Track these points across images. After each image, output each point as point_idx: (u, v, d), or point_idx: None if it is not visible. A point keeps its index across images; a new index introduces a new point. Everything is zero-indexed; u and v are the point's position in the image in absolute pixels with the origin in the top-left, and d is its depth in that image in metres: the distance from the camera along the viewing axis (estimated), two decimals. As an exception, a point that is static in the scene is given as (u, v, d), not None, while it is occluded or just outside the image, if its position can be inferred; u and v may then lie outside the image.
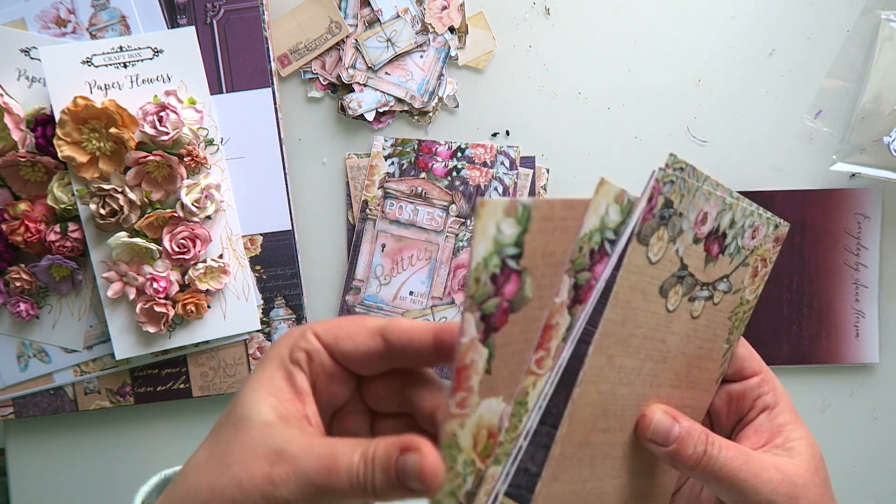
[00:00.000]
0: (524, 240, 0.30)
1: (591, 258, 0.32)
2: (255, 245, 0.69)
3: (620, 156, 0.71)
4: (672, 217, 0.33)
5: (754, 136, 0.71)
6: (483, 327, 0.30)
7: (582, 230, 0.32)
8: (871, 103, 0.67)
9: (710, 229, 0.35)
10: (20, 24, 0.65)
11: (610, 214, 0.32)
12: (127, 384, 0.70)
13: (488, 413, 0.32)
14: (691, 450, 0.37)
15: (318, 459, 0.32)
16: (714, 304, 0.37)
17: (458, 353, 0.30)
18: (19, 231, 0.64)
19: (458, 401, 0.31)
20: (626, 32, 0.70)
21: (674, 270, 0.34)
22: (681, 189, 0.32)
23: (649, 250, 0.32)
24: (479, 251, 0.29)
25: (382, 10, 0.68)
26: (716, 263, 0.36)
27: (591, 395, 0.33)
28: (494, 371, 0.31)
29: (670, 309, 0.35)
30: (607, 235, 0.32)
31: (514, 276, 0.30)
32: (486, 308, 0.30)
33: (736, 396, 0.42)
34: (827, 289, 0.72)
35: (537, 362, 0.33)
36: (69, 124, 0.62)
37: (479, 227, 0.29)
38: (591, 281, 0.33)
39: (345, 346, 0.35)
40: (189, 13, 0.66)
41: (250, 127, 0.67)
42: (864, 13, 0.68)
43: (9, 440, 0.73)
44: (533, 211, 0.30)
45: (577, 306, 0.33)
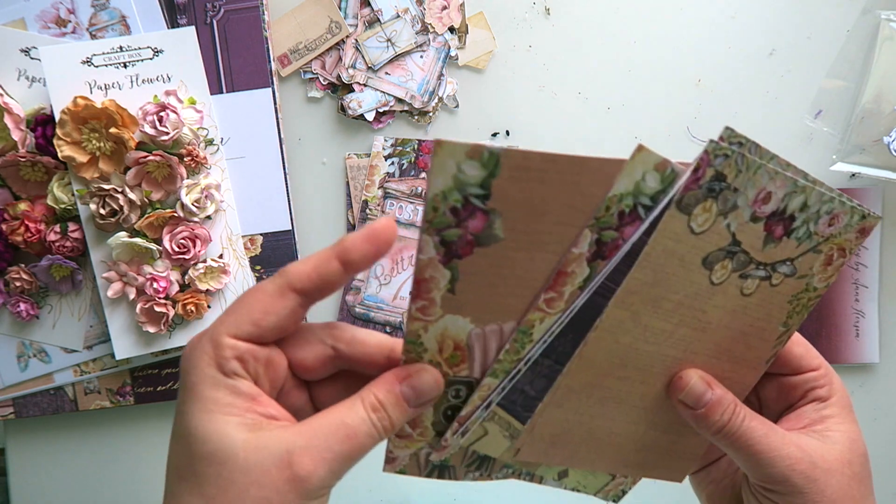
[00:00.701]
0: (491, 183, 0.32)
1: (619, 219, 0.34)
2: (255, 245, 0.69)
3: (620, 156, 0.71)
4: (724, 191, 0.33)
5: (754, 136, 0.71)
6: (444, 251, 0.33)
7: (612, 190, 0.33)
8: (871, 103, 0.67)
9: (773, 209, 0.35)
10: (20, 24, 0.65)
11: (647, 181, 0.34)
12: (127, 384, 0.70)
13: (454, 328, 0.35)
14: (717, 416, 0.38)
15: (334, 433, 0.33)
16: (772, 285, 0.38)
17: (417, 266, 0.34)
18: (19, 231, 0.64)
19: (419, 307, 0.35)
20: (626, 32, 0.70)
21: (723, 245, 0.35)
22: (738, 164, 0.33)
23: (692, 220, 0.33)
24: (436, 184, 0.32)
25: (382, 10, 0.68)
26: (777, 245, 0.36)
27: (606, 342, 0.35)
28: (459, 293, 0.34)
29: (715, 281, 0.36)
30: (642, 201, 0.34)
31: (479, 213, 0.33)
32: (446, 235, 0.33)
33: (788, 387, 0.42)
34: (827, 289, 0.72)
35: (547, 301, 0.35)
36: (69, 124, 0.62)
37: (436, 163, 0.31)
38: (618, 241, 0.34)
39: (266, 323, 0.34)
40: (189, 13, 0.66)
41: (250, 127, 0.67)
42: (864, 13, 0.68)
43: (9, 440, 0.73)
44: (502, 158, 0.32)
45: (598, 261, 0.35)
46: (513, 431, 0.38)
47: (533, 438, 0.38)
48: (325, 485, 0.33)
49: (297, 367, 0.36)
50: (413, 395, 0.35)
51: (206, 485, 0.32)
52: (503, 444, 0.39)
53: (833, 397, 0.41)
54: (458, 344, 0.36)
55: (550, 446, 0.39)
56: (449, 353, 0.36)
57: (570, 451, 0.39)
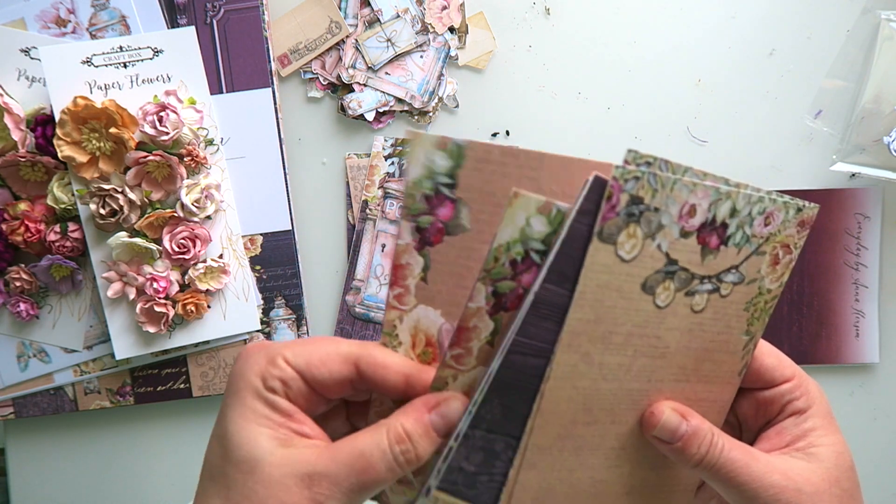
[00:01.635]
0: (458, 173, 0.35)
1: (513, 268, 0.34)
2: (255, 245, 0.69)
3: (620, 156, 0.71)
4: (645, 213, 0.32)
5: (754, 136, 0.71)
6: (418, 238, 0.35)
7: (496, 240, 0.33)
8: (871, 103, 0.67)
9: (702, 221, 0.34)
10: (20, 24, 0.65)
11: (533, 225, 0.33)
12: (127, 384, 0.70)
13: (426, 320, 0.36)
14: (695, 448, 0.36)
15: (351, 464, 0.33)
16: (722, 296, 0.37)
17: (396, 252, 0.36)
18: (19, 231, 0.64)
19: (395, 294, 0.36)
20: (626, 32, 0.70)
21: (659, 266, 0.34)
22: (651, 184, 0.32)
23: (619, 248, 0.32)
24: (412, 173, 0.34)
25: (382, 10, 0.68)
26: (717, 255, 0.35)
27: (565, 391, 0.34)
28: (431, 282, 0.36)
29: (661, 305, 0.35)
30: (533, 246, 0.34)
31: (448, 202, 0.35)
32: (420, 221, 0.35)
33: (764, 402, 0.41)
34: (827, 289, 0.72)
35: (455, 358, 0.35)
36: (69, 124, 0.62)
37: (412, 154, 0.34)
38: (517, 290, 0.34)
39: (317, 372, 0.35)
40: (189, 13, 0.66)
41: (250, 127, 0.67)
42: (864, 13, 0.68)
43: (9, 440, 0.73)
44: (466, 150, 0.34)
45: (502, 313, 0.34)
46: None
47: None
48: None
49: (314, 384, 0.36)
50: (443, 424, 0.34)
51: (232, 489, 0.34)
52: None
53: (812, 407, 0.39)
54: (430, 339, 0.37)
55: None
56: (421, 348, 0.37)
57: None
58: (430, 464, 0.35)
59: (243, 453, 0.34)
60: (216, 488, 0.35)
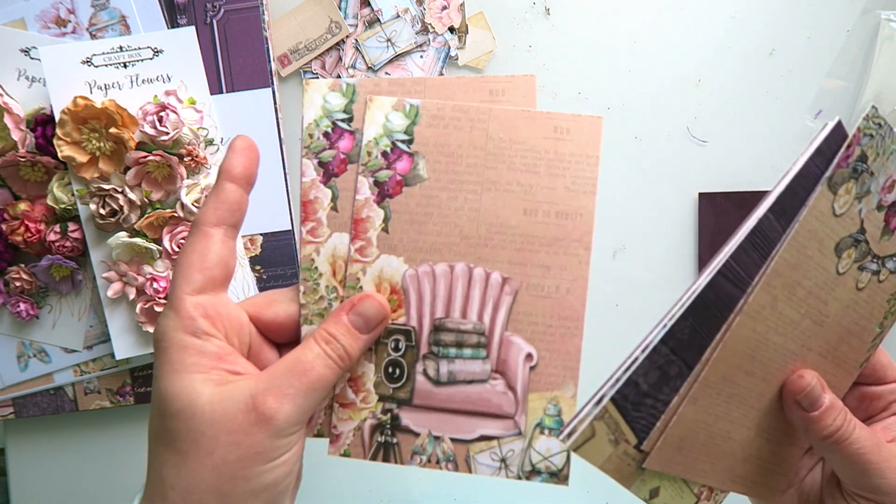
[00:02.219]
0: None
1: (386, 158, 0.40)
2: (255, 245, 0.69)
3: (620, 156, 0.71)
4: (863, 173, 0.33)
5: (754, 136, 0.71)
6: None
7: (364, 139, 0.39)
8: (871, 103, 0.67)
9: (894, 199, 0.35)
10: (20, 24, 0.65)
11: (393, 121, 0.40)
12: (127, 384, 0.70)
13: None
14: (830, 421, 0.37)
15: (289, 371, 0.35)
16: (879, 280, 0.37)
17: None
18: (19, 231, 0.64)
19: (308, 229, 0.39)
20: (626, 32, 0.70)
21: (853, 231, 0.34)
22: (878, 147, 0.32)
23: (836, 200, 0.33)
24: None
25: (382, 10, 0.68)
26: (891, 238, 0.36)
27: (746, 331, 0.34)
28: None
29: (840, 271, 0.35)
30: (397, 137, 0.40)
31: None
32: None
33: (870, 396, 0.41)
34: (827, 289, 0.72)
35: (358, 251, 0.39)
36: (69, 124, 0.62)
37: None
38: (395, 176, 0.40)
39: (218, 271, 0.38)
40: (189, 13, 0.66)
41: (250, 127, 0.67)
42: (864, 13, 0.68)
43: (9, 440, 0.73)
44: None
45: (387, 200, 0.40)
46: (618, 435, 0.36)
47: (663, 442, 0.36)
48: (291, 420, 0.34)
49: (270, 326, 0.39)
50: (361, 322, 0.38)
51: (179, 440, 0.34)
52: (606, 450, 0.36)
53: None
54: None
55: (676, 452, 0.37)
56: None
57: (691, 459, 0.38)
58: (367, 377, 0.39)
59: (179, 404, 0.34)
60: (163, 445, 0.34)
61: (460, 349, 0.41)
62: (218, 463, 0.33)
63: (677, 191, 0.72)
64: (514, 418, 0.42)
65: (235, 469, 0.33)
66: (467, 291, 0.41)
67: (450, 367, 0.41)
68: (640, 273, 0.73)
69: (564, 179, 0.41)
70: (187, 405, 0.34)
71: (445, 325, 0.41)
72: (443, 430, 0.41)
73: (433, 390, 0.42)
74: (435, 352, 0.41)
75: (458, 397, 0.41)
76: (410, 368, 0.41)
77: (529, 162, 0.40)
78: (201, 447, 0.33)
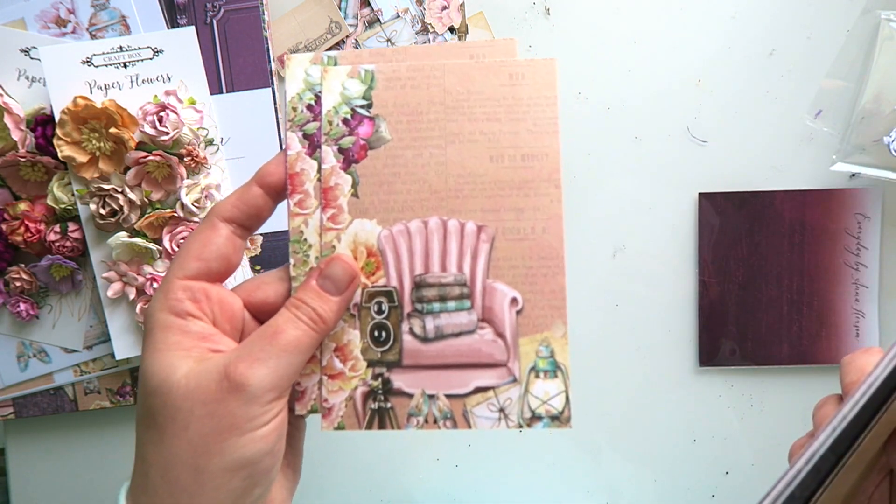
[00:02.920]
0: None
1: (347, 125, 0.41)
2: (255, 245, 0.69)
3: (620, 156, 0.71)
4: None
5: (754, 136, 0.71)
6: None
7: (323, 109, 0.40)
8: (871, 103, 0.67)
9: None
10: (20, 24, 0.65)
11: (350, 88, 0.41)
12: (127, 384, 0.70)
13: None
14: None
15: (261, 336, 0.36)
16: None
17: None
18: (19, 231, 0.64)
19: (295, 202, 0.41)
20: (626, 32, 0.70)
21: None
22: None
23: None
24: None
25: (382, 10, 0.68)
26: None
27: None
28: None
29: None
30: (356, 104, 0.41)
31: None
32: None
33: None
34: (827, 289, 0.72)
35: (331, 219, 0.40)
36: (69, 124, 0.62)
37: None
38: (358, 142, 0.40)
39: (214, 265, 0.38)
40: (189, 13, 0.66)
41: (250, 127, 0.67)
42: (864, 13, 0.68)
43: (9, 440, 0.73)
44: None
45: (353, 166, 0.41)
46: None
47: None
48: (265, 385, 0.34)
49: (261, 308, 0.38)
50: (330, 284, 0.38)
51: (157, 416, 0.34)
52: None
53: None
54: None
55: None
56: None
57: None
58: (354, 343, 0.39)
59: (157, 381, 0.34)
60: (144, 428, 0.35)
61: (444, 303, 0.41)
62: (193, 437, 0.33)
63: (677, 191, 0.72)
64: (507, 365, 0.41)
65: (210, 442, 0.33)
66: (444, 245, 0.41)
67: (436, 322, 0.41)
68: (640, 273, 0.73)
69: (526, 122, 0.41)
70: (164, 380, 0.34)
71: (426, 280, 0.41)
72: (437, 388, 0.40)
73: (422, 348, 0.41)
74: (419, 309, 0.41)
75: (447, 352, 0.41)
76: (396, 329, 0.41)
77: (489, 110, 0.41)
78: (177, 422, 0.33)
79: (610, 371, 0.73)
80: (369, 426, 0.40)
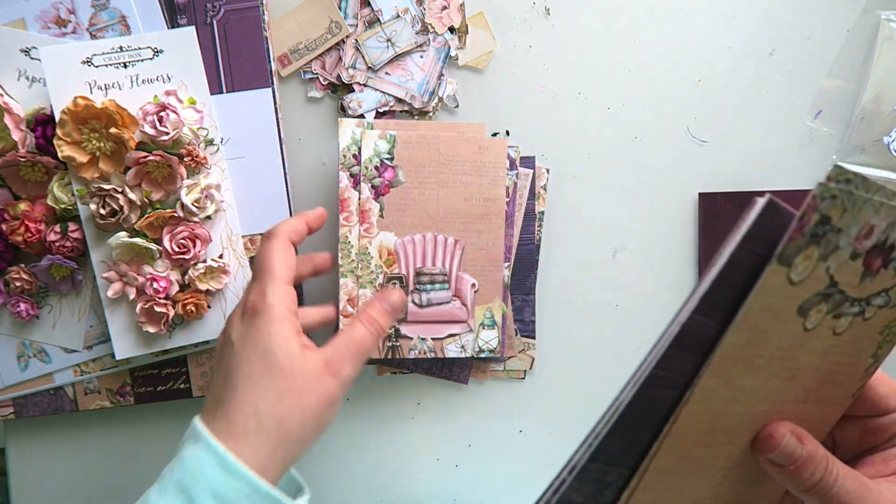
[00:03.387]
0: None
1: (377, 170, 0.65)
2: (255, 245, 0.69)
3: (620, 156, 0.71)
4: (827, 234, 0.30)
5: (754, 136, 0.71)
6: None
7: (362, 158, 0.64)
8: (871, 103, 0.67)
9: (874, 243, 0.32)
10: (20, 24, 0.65)
11: (379, 146, 0.65)
12: (127, 384, 0.70)
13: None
14: (808, 474, 0.36)
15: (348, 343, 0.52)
16: (865, 319, 0.35)
17: (340, 191, 0.64)
18: (19, 231, 0.64)
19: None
20: (626, 32, 0.70)
21: (819, 289, 0.32)
22: (844, 203, 0.30)
23: (792, 271, 0.30)
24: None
25: (382, 10, 0.68)
26: (874, 278, 0.34)
27: (699, 415, 0.33)
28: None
29: (808, 328, 0.33)
30: (384, 157, 0.65)
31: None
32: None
33: (873, 429, 0.40)
34: (827, 289, 0.72)
35: (366, 230, 0.65)
36: (69, 124, 0.62)
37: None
38: (384, 182, 0.64)
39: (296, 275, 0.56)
40: (189, 13, 0.66)
41: (250, 127, 0.67)
42: (864, 13, 0.68)
43: (9, 440, 0.73)
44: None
45: (381, 197, 0.65)
46: None
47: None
48: (351, 376, 0.51)
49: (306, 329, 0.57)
50: (390, 308, 0.56)
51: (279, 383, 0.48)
52: None
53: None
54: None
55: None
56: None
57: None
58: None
59: (284, 360, 0.49)
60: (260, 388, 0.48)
61: (433, 285, 0.66)
62: (305, 404, 0.48)
63: (677, 191, 0.72)
64: (467, 321, 0.68)
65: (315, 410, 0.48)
66: (434, 250, 0.66)
67: (427, 296, 0.67)
68: (640, 273, 0.73)
69: (486, 177, 0.66)
70: (291, 360, 0.49)
71: (423, 271, 0.66)
72: (426, 334, 0.67)
73: (419, 311, 0.67)
74: (418, 287, 0.67)
75: (434, 313, 0.67)
76: None
77: (466, 168, 0.65)
78: (293, 391, 0.48)
79: (610, 371, 0.73)
80: (386, 355, 0.67)
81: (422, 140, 0.64)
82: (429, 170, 0.65)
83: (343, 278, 0.65)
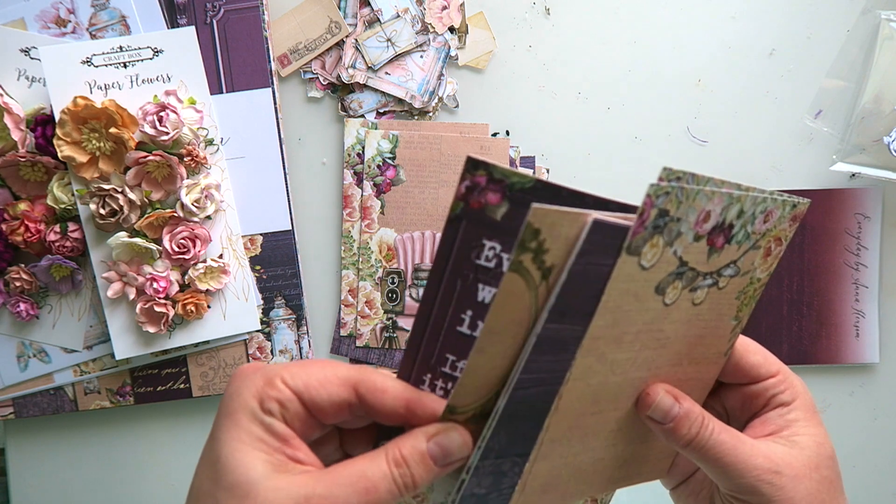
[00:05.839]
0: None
1: (380, 169, 0.67)
2: (255, 245, 0.69)
3: (620, 156, 0.71)
4: (668, 224, 0.34)
5: (754, 136, 0.71)
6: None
7: (365, 157, 0.67)
8: (871, 103, 0.67)
9: (713, 225, 0.36)
10: (20, 24, 0.65)
11: (382, 146, 0.67)
12: (127, 384, 0.70)
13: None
14: (685, 430, 0.38)
15: (353, 485, 0.32)
16: (720, 288, 0.39)
17: (343, 188, 0.66)
18: (19, 231, 0.64)
19: (347, 213, 0.66)
20: (626, 32, 0.70)
21: (671, 270, 0.35)
22: (678, 197, 0.33)
23: (641, 258, 0.34)
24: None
25: (382, 9, 0.68)
26: (720, 253, 0.38)
27: (579, 389, 0.36)
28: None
29: (668, 303, 0.37)
30: (386, 156, 0.67)
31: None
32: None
33: (751, 395, 0.43)
34: (827, 289, 0.72)
35: (367, 226, 0.67)
36: (69, 124, 0.62)
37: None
38: (385, 180, 0.67)
39: (316, 394, 0.34)
40: (189, 13, 0.66)
41: (250, 127, 0.67)
42: (864, 13, 0.68)
43: (9, 440, 0.73)
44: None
45: (382, 194, 0.67)
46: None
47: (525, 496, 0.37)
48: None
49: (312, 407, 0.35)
50: (440, 455, 0.34)
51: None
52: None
53: (796, 400, 0.42)
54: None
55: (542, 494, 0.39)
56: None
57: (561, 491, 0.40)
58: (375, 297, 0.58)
59: (236, 477, 0.32)
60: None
61: None
62: None
63: (677, 191, 0.72)
64: None
65: None
66: (432, 247, 0.68)
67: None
68: (640, 273, 0.73)
69: None
70: (243, 482, 0.32)
71: (420, 267, 0.68)
72: None
73: (415, 305, 0.68)
74: (416, 282, 0.69)
75: None
76: (402, 293, 0.69)
77: None
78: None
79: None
80: (382, 346, 0.69)
81: (423, 140, 0.67)
82: (429, 169, 0.66)
83: (345, 270, 0.69)
